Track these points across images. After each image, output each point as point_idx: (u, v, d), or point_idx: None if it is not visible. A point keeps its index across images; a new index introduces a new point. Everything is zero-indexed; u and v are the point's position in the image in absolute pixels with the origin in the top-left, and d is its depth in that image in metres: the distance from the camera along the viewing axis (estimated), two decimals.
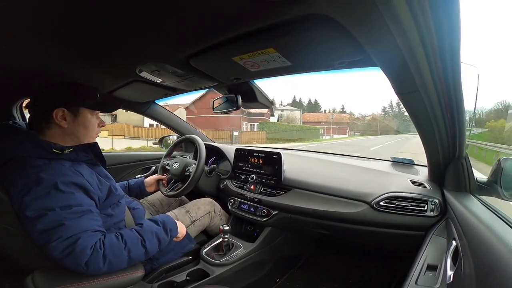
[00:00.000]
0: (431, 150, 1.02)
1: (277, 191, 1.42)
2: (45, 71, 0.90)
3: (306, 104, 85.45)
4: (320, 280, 1.59)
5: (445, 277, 0.70)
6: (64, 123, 0.86)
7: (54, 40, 0.67)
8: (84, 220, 0.77)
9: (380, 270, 1.64)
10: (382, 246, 1.47)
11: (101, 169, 0.96)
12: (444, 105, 0.73)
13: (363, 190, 1.20)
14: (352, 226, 1.19)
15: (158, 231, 0.92)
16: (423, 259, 0.82)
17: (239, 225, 1.59)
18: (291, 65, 0.76)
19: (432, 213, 1.04)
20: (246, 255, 1.31)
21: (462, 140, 0.90)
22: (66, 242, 0.72)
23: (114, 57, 0.82)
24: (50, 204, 0.73)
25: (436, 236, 0.95)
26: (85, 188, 0.81)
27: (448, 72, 0.59)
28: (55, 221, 0.72)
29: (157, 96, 1.45)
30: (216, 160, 1.85)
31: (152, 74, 0.94)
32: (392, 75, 0.65)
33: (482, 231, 0.64)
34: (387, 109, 70.11)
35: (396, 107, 68.03)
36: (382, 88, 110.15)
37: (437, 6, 0.42)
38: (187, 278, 1.14)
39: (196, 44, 0.71)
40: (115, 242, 0.80)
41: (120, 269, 0.81)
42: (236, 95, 1.22)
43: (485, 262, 0.54)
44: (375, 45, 0.54)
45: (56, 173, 0.77)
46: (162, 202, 1.50)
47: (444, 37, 0.48)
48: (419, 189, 1.15)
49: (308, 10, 0.50)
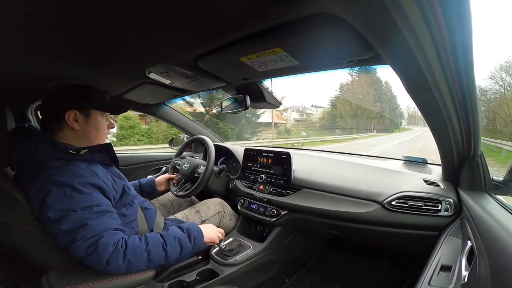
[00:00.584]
0: (445, 149, 0.99)
1: (287, 191, 1.42)
2: (58, 74, 0.93)
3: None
4: (330, 280, 1.57)
5: (460, 278, 0.68)
6: (76, 124, 0.89)
7: (67, 45, 0.70)
8: (105, 219, 0.80)
9: (392, 270, 1.60)
10: (394, 247, 1.44)
11: (114, 170, 0.98)
12: (458, 103, 0.71)
13: (374, 190, 1.18)
14: (363, 226, 1.17)
15: (181, 237, 0.93)
16: (436, 259, 0.80)
17: (248, 225, 1.59)
18: (298, 64, 0.76)
19: (447, 213, 1.02)
20: (255, 255, 1.31)
21: (477, 138, 0.87)
22: (90, 240, 0.75)
23: (124, 60, 0.84)
24: (71, 205, 0.76)
25: (451, 236, 0.92)
26: (101, 188, 0.84)
27: (461, 69, 0.57)
28: (78, 221, 0.75)
29: (167, 97, 1.47)
30: (225, 160, 1.86)
31: (161, 75, 0.96)
32: (402, 73, 0.64)
33: (498, 231, 0.62)
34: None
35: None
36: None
37: (446, 2, 0.41)
38: (197, 278, 1.15)
39: (204, 45, 0.72)
40: (137, 243, 0.82)
41: (139, 270, 0.83)
42: (244, 95, 1.22)
43: (500, 263, 0.53)
44: (384, 43, 0.53)
45: (73, 174, 0.80)
46: (173, 203, 1.52)
47: (455, 34, 0.47)
48: (432, 188, 1.12)
49: (315, 9, 0.50)
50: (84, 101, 0.91)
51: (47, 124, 0.90)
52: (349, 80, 44.68)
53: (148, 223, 1.06)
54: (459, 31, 0.46)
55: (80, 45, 0.71)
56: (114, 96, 1.31)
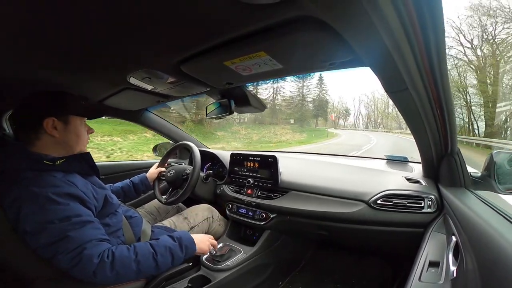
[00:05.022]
0: (424, 147, 1.03)
1: (274, 194, 1.42)
2: (34, 80, 0.89)
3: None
4: (323, 281, 1.58)
5: (448, 273, 0.70)
6: (55, 132, 0.85)
7: (42, 49, 0.67)
8: (87, 230, 0.77)
9: (383, 268, 1.64)
10: (382, 245, 1.47)
11: (95, 179, 0.95)
12: (434, 102, 0.74)
13: (360, 189, 1.21)
14: (351, 225, 1.19)
15: (173, 246, 0.91)
16: (424, 256, 0.82)
17: (238, 230, 1.58)
18: (282, 67, 0.77)
19: (430, 209, 1.05)
20: (246, 259, 1.30)
21: (454, 136, 0.91)
22: (73, 253, 0.73)
23: (103, 65, 0.82)
24: (48, 217, 0.73)
25: (436, 232, 0.95)
26: (80, 199, 0.81)
27: (435, 68, 0.60)
28: (57, 234, 0.73)
29: (150, 104, 1.44)
30: (212, 166, 1.85)
31: (143, 81, 0.94)
32: (381, 74, 0.66)
33: (481, 225, 0.64)
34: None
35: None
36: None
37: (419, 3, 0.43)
38: (189, 285, 1.12)
39: (187, 50, 0.71)
40: (125, 253, 0.80)
41: (128, 280, 0.82)
42: (229, 100, 1.21)
43: (487, 256, 0.55)
44: (363, 45, 0.54)
45: (47, 185, 0.77)
46: (160, 210, 1.48)
47: (429, 32, 0.49)
48: (414, 186, 1.16)
49: (297, 12, 0.50)
50: (62, 107, 0.88)
51: (22, 133, 0.86)
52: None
53: (135, 231, 1.03)
54: (432, 29, 0.48)
55: (57, 51, 0.68)
56: (94, 103, 1.27)
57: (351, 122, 65.88)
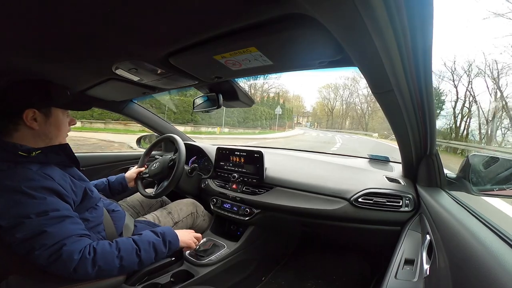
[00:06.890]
0: (405, 148, 1.07)
1: (259, 189, 1.43)
2: (12, 68, 0.83)
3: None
4: (305, 277, 1.61)
5: (422, 271, 0.72)
6: (35, 124, 0.81)
7: (22, 36, 0.63)
8: (66, 225, 0.75)
9: (362, 265, 1.69)
10: (361, 242, 1.52)
11: (74, 171, 0.91)
12: (417, 104, 0.77)
13: (342, 187, 1.24)
14: (333, 222, 1.22)
15: (156, 242, 0.90)
16: (400, 253, 0.85)
17: (222, 225, 1.58)
18: (272, 64, 0.77)
19: (407, 208, 1.09)
20: (230, 255, 1.31)
21: (433, 138, 0.95)
22: (51, 249, 0.70)
23: (87, 54, 0.78)
24: (23, 211, 0.70)
25: (411, 230, 0.99)
26: (57, 192, 0.78)
27: (420, 72, 0.62)
28: (34, 229, 0.69)
29: (135, 95, 1.40)
30: (197, 160, 1.83)
31: (129, 72, 0.91)
32: (368, 74, 0.67)
33: (454, 225, 0.67)
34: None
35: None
36: None
37: (411, 8, 0.44)
38: (171, 279, 1.11)
39: (176, 42, 0.69)
40: (107, 249, 0.79)
41: (110, 276, 0.80)
42: (217, 94, 1.20)
43: (458, 255, 0.57)
44: (353, 44, 0.55)
45: (21, 178, 0.73)
46: (143, 204, 1.45)
47: (417, 38, 0.51)
48: (394, 185, 1.20)
49: (289, 9, 0.50)
50: (45, 99, 0.84)
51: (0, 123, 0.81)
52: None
53: (117, 226, 1.01)
54: (421, 35, 0.50)
55: (38, 37, 0.64)
56: (75, 93, 1.21)
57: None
